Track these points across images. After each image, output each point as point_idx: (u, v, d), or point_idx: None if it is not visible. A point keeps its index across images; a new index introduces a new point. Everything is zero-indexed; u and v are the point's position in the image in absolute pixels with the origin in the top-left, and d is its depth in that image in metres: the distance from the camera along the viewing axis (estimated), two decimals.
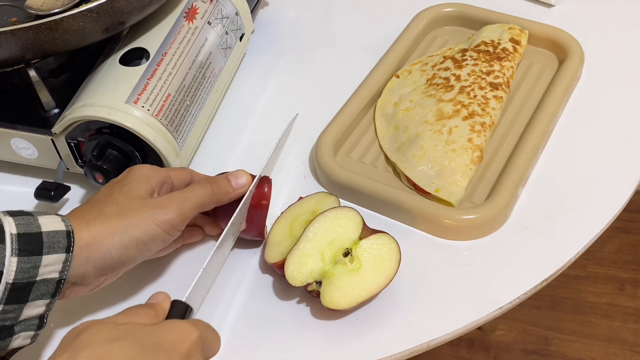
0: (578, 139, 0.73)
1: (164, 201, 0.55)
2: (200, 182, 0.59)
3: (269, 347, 0.59)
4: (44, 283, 0.49)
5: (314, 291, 0.59)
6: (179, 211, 0.55)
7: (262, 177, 0.63)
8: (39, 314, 0.50)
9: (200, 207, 0.57)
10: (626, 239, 1.59)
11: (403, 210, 0.66)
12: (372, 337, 0.59)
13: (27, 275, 0.48)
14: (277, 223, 0.64)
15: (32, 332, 0.50)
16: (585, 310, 1.49)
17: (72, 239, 0.50)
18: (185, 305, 0.51)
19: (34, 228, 0.49)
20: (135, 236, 0.53)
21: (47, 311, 0.50)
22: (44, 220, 0.50)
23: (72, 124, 0.65)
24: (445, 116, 0.71)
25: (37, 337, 0.51)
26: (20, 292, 0.48)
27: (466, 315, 0.60)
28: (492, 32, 0.80)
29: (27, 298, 0.48)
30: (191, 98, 0.70)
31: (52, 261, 0.49)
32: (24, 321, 0.49)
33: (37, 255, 0.48)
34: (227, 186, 0.59)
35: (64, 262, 0.49)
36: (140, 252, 0.54)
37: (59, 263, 0.49)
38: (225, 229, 0.57)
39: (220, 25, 0.75)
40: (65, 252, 0.49)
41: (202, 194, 0.57)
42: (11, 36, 0.60)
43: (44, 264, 0.48)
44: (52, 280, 0.49)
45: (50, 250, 0.48)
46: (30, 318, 0.49)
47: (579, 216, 0.67)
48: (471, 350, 1.45)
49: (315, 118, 0.76)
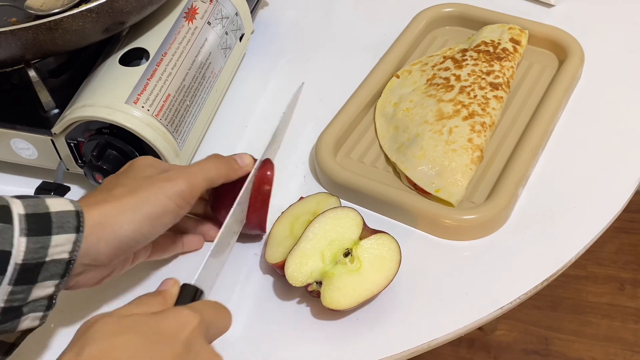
0: (578, 139, 0.73)
1: (173, 174, 0.55)
2: (208, 157, 0.59)
3: (270, 347, 0.59)
4: (54, 264, 0.48)
5: (315, 291, 0.59)
6: (189, 182, 0.55)
7: (264, 160, 0.62)
8: (47, 294, 0.49)
9: (208, 180, 0.57)
10: (626, 239, 1.59)
11: (403, 211, 0.66)
12: (372, 337, 0.59)
13: (37, 256, 0.47)
14: (277, 223, 0.64)
15: (40, 313, 0.50)
16: (586, 310, 1.49)
17: (82, 219, 0.50)
18: (194, 289, 0.50)
19: (42, 209, 0.48)
20: (148, 211, 0.53)
21: (56, 292, 0.50)
22: (52, 202, 0.49)
23: (72, 124, 0.65)
24: (445, 116, 0.71)
25: (45, 317, 0.50)
26: (29, 272, 0.47)
27: (467, 315, 0.60)
28: (492, 32, 0.80)
29: (37, 279, 0.48)
30: (191, 98, 0.70)
31: (61, 241, 0.48)
32: (32, 302, 0.49)
33: (47, 235, 0.47)
34: (233, 163, 0.60)
35: (74, 243, 0.49)
36: (153, 228, 0.54)
37: (68, 243, 0.49)
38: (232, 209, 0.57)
39: (220, 25, 0.75)
40: (75, 232, 0.49)
41: (211, 167, 0.58)
42: (11, 36, 0.60)
43: (53, 244, 0.48)
44: (62, 260, 0.49)
45: (59, 230, 0.48)
46: (39, 299, 0.49)
47: (579, 216, 0.66)
48: (471, 350, 1.45)
49: (315, 118, 0.76)
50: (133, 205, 0.53)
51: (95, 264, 0.52)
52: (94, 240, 0.51)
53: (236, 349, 0.59)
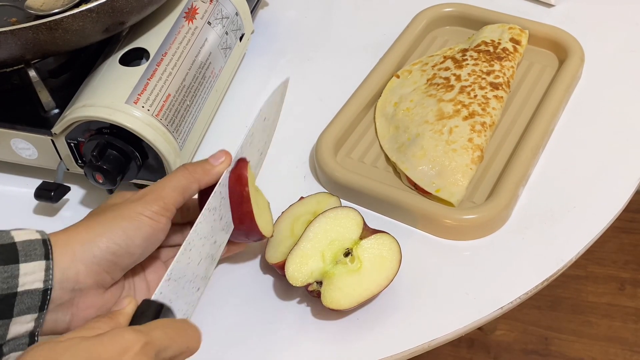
0: (578, 139, 0.73)
1: (142, 192, 0.54)
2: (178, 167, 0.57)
3: (270, 347, 0.59)
4: (28, 295, 0.46)
5: (315, 291, 0.59)
6: (157, 194, 0.53)
7: (238, 161, 0.58)
8: (27, 330, 0.47)
9: (179, 189, 0.54)
10: (626, 239, 1.59)
11: (404, 210, 0.66)
12: (372, 337, 0.59)
13: (7, 286, 0.45)
14: (277, 223, 0.64)
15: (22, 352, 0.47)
16: (585, 310, 1.49)
17: (50, 246, 0.48)
18: (157, 305, 0.46)
19: (7, 239, 0.47)
20: (121, 224, 0.51)
21: (37, 327, 0.48)
22: (17, 233, 0.48)
23: (72, 124, 0.65)
24: (445, 116, 0.71)
25: None
26: (2, 305, 0.45)
27: (467, 315, 0.60)
28: (493, 32, 0.80)
29: (12, 312, 0.46)
30: (191, 98, 0.70)
31: (30, 269, 0.46)
32: (12, 340, 0.47)
33: (14, 264, 0.46)
34: (205, 164, 0.56)
35: (45, 270, 0.47)
36: (130, 240, 0.51)
37: (39, 271, 0.47)
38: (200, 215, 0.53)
39: (220, 25, 0.75)
40: (44, 259, 0.47)
41: (179, 176, 0.55)
42: (11, 36, 0.60)
43: (22, 273, 0.46)
44: (36, 291, 0.47)
45: (27, 259, 0.46)
46: (19, 336, 0.47)
47: (580, 216, 0.66)
48: (471, 350, 1.45)
49: (315, 118, 0.76)
50: (103, 222, 0.51)
51: (81, 288, 0.50)
52: (69, 261, 0.49)
53: (236, 349, 0.59)
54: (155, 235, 0.53)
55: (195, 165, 0.56)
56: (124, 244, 0.51)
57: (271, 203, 0.62)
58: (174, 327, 0.45)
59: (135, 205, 0.52)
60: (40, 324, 0.48)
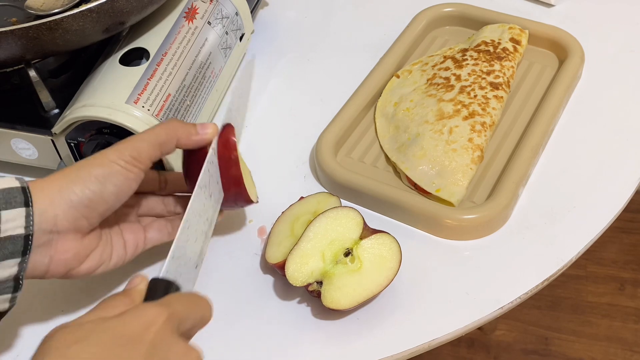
0: (578, 139, 0.73)
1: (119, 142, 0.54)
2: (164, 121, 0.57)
3: (270, 347, 0.59)
4: (10, 241, 0.48)
5: (315, 291, 0.59)
6: (132, 145, 0.54)
7: (224, 126, 0.58)
8: (11, 274, 0.49)
9: (157, 144, 0.55)
10: (626, 239, 1.59)
11: (404, 210, 0.66)
12: (373, 337, 0.59)
13: None
14: (278, 223, 0.64)
15: (8, 295, 0.50)
16: (585, 310, 1.49)
17: (29, 193, 0.49)
18: (165, 282, 0.47)
19: None
20: (93, 172, 0.52)
21: (21, 271, 0.50)
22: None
23: (72, 124, 0.65)
24: (445, 116, 0.71)
25: (15, 299, 0.50)
26: None
27: (467, 315, 0.60)
28: (493, 32, 0.80)
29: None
30: (191, 98, 0.70)
31: (12, 216, 0.48)
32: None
33: None
34: (190, 128, 0.57)
35: (25, 217, 0.49)
36: (103, 186, 0.52)
37: (20, 218, 0.48)
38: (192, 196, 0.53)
39: (220, 25, 0.75)
40: (24, 206, 0.49)
41: (160, 131, 0.55)
42: (11, 36, 0.60)
43: (4, 220, 0.48)
44: (18, 237, 0.48)
45: (7, 206, 0.48)
46: (4, 280, 0.49)
47: (580, 216, 0.67)
48: (471, 350, 1.45)
49: (316, 118, 0.76)
50: (77, 169, 0.52)
51: (59, 230, 0.51)
52: (47, 203, 0.50)
53: (236, 349, 0.59)
54: (127, 184, 0.54)
55: (181, 125, 0.57)
56: (97, 190, 0.52)
57: (271, 203, 0.62)
58: (189, 299, 0.46)
59: (109, 153, 0.53)
60: (24, 267, 0.50)
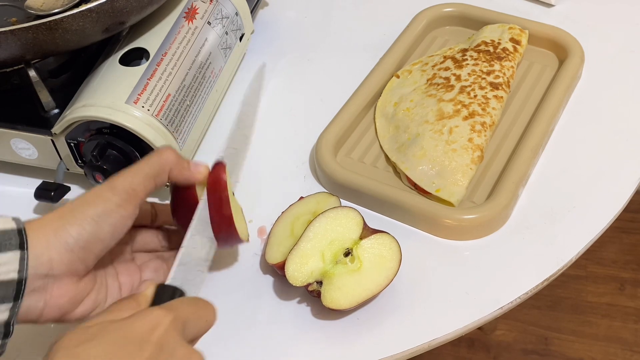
0: (578, 139, 0.73)
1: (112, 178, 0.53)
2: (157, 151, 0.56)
3: (270, 347, 0.59)
4: (2, 285, 0.46)
5: (315, 291, 0.59)
6: (126, 180, 0.53)
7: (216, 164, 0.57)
8: (2, 320, 0.47)
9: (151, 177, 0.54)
10: (626, 239, 1.59)
11: (404, 210, 0.66)
12: (372, 337, 0.59)
13: None
14: (277, 223, 0.64)
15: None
16: (585, 310, 1.49)
17: (25, 236, 0.48)
18: (172, 289, 0.48)
19: None
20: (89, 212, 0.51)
21: (12, 317, 0.48)
22: None
23: (72, 124, 0.65)
24: (445, 116, 0.71)
25: (4, 346, 0.48)
26: None
27: (467, 315, 0.60)
28: (493, 32, 0.80)
29: None
30: (191, 98, 0.70)
31: (5, 260, 0.47)
32: None
33: None
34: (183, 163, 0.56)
35: (20, 260, 0.47)
36: (99, 226, 0.51)
37: (14, 262, 0.47)
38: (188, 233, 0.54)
39: (220, 25, 0.75)
40: (19, 249, 0.47)
41: (153, 163, 0.54)
42: (11, 36, 0.60)
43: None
44: (10, 282, 0.46)
45: (2, 248, 0.47)
46: None
47: (580, 216, 0.66)
48: (471, 350, 1.45)
49: (315, 118, 0.76)
50: (71, 209, 0.51)
51: (54, 274, 0.50)
52: (43, 247, 0.49)
53: (236, 349, 0.59)
54: (123, 222, 0.53)
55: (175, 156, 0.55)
56: (93, 231, 0.51)
57: (271, 203, 0.62)
58: (193, 303, 0.47)
59: (103, 191, 0.52)
60: (15, 313, 0.48)
